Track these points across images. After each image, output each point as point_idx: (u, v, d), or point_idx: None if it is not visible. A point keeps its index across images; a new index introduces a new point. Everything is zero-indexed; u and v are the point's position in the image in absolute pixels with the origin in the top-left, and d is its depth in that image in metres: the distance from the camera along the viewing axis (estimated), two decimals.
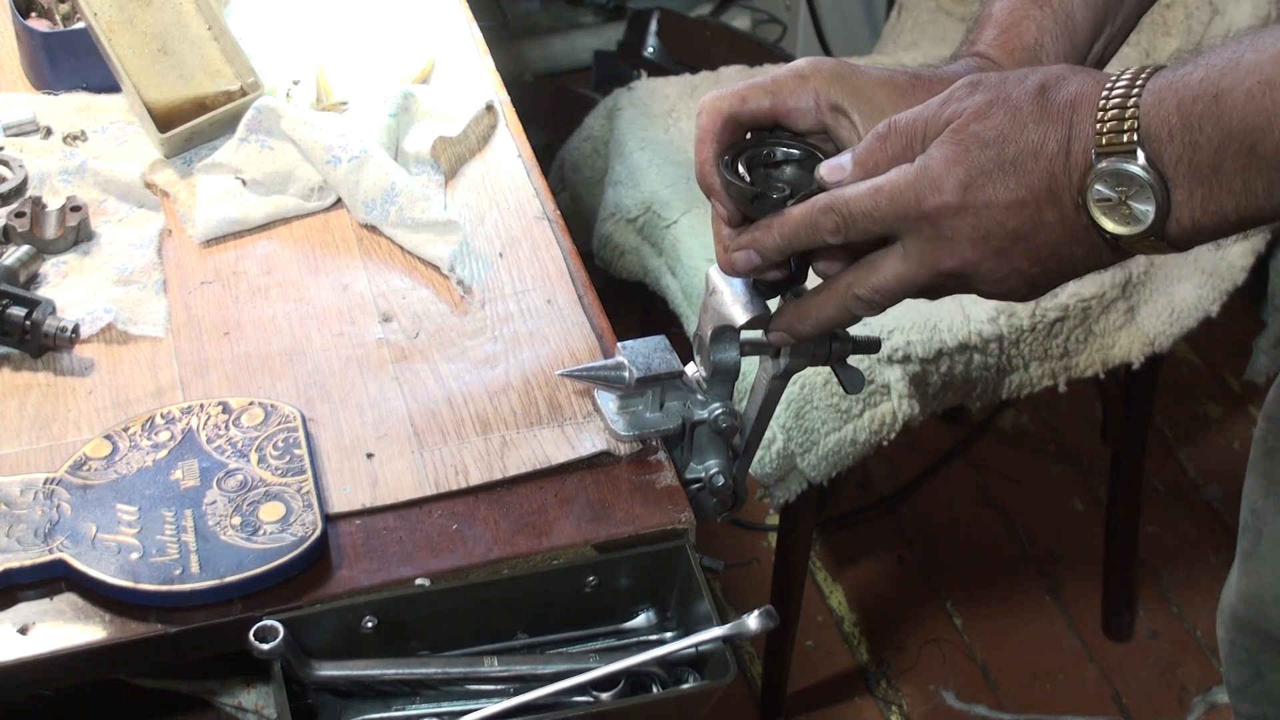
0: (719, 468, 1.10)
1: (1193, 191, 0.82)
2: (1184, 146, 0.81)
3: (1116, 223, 0.84)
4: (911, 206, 0.87)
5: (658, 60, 2.68)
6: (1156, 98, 0.82)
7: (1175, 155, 0.82)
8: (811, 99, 0.96)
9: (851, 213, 0.89)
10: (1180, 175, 0.82)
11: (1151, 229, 0.83)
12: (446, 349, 1.18)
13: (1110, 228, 0.84)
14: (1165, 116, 0.82)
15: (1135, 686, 2.26)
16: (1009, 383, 1.89)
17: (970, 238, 0.87)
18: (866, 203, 0.89)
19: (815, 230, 0.91)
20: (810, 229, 0.92)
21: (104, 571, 0.98)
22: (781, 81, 0.97)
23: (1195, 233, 0.84)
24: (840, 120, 0.96)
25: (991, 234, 0.87)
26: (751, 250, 0.95)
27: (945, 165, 0.86)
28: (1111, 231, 0.84)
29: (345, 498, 1.06)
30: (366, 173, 1.27)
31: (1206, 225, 0.83)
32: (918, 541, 2.43)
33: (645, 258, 2.01)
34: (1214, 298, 1.95)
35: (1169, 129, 0.81)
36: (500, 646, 1.03)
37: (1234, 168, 0.80)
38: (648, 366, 1.07)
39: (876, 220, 0.89)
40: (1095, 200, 0.84)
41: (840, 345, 1.05)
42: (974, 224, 0.86)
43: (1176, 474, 2.55)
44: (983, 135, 0.86)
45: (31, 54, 1.42)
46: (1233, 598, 1.37)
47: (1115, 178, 0.82)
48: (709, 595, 1.01)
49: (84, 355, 1.17)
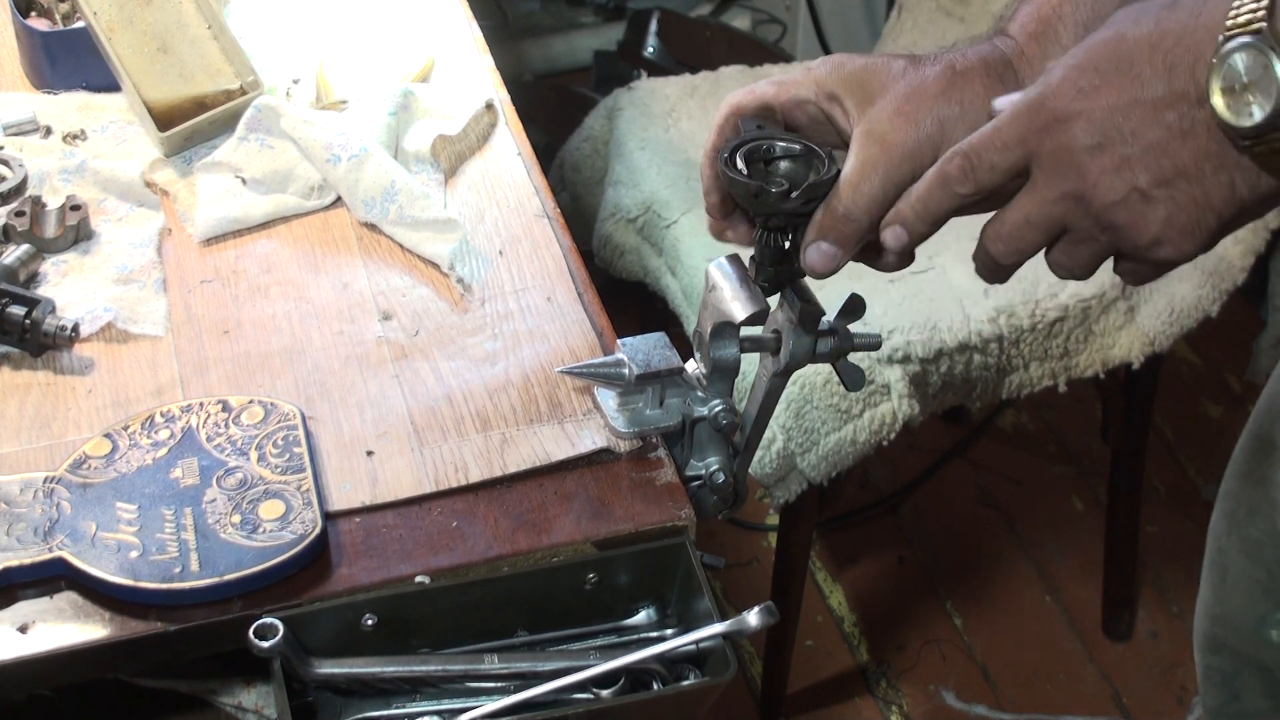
0: (719, 465, 1.10)
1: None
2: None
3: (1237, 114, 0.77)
4: (1030, 121, 0.84)
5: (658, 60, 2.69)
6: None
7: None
8: (812, 89, 0.97)
9: (975, 148, 0.86)
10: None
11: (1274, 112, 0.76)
12: (446, 347, 1.18)
13: (1230, 118, 0.77)
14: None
15: (1135, 686, 2.26)
16: (1009, 383, 1.89)
17: (1085, 146, 0.82)
18: (989, 134, 0.86)
19: (945, 181, 0.88)
20: (941, 181, 0.88)
21: (104, 570, 0.98)
22: (790, 77, 0.98)
23: None
24: (835, 108, 0.96)
25: (1109, 140, 0.82)
26: (897, 225, 0.92)
27: (1065, 70, 0.83)
28: (1231, 122, 0.78)
29: (345, 495, 1.06)
30: (366, 171, 1.27)
31: None
32: (918, 541, 2.43)
33: (645, 257, 2.01)
34: (1214, 298, 1.95)
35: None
36: (500, 644, 1.03)
37: None
38: (647, 363, 1.07)
39: (999, 148, 0.85)
40: (1220, 88, 0.78)
41: (840, 342, 1.05)
42: (1088, 128, 0.82)
43: (1176, 474, 2.55)
44: (1103, 38, 0.82)
45: (31, 53, 1.42)
46: (1207, 623, 1.37)
47: (1243, 57, 0.77)
48: (709, 592, 1.01)
49: (84, 354, 1.17)
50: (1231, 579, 1.31)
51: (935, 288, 1.84)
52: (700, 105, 2.12)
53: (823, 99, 0.97)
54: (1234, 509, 1.30)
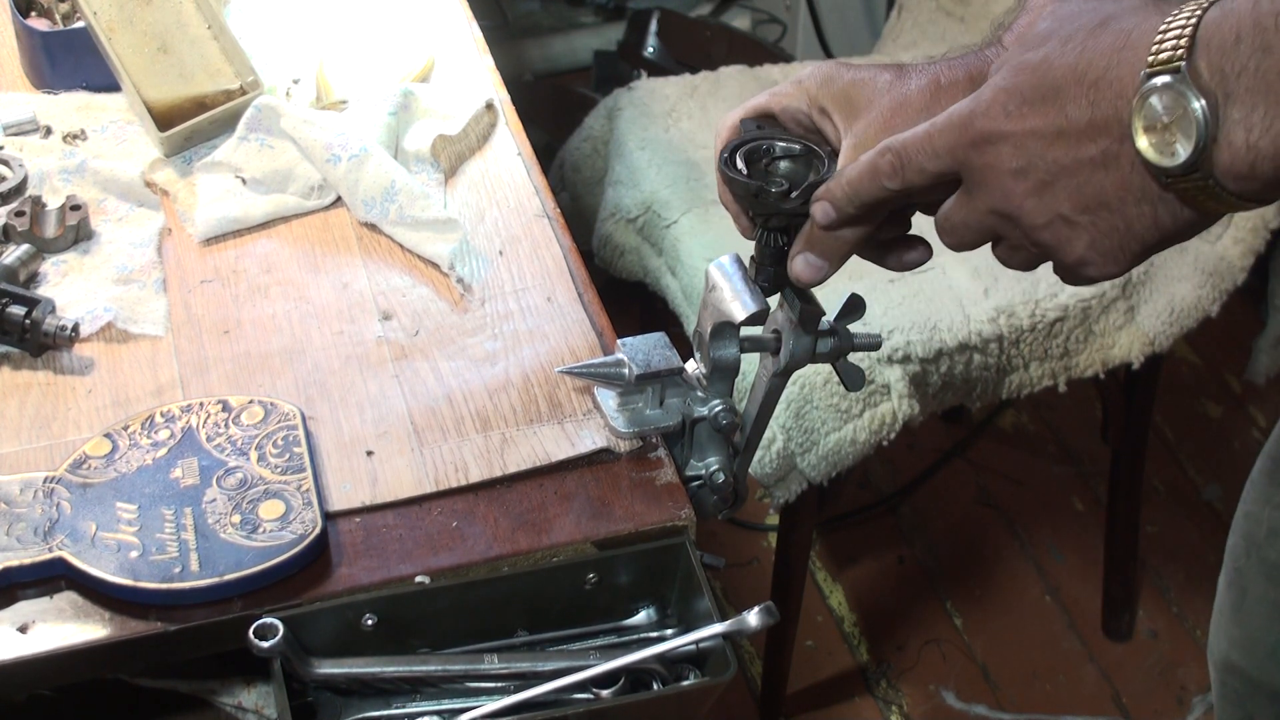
0: (719, 465, 1.10)
1: (1254, 106, 0.75)
2: (1252, 51, 0.74)
3: (1159, 152, 0.77)
4: (960, 135, 0.85)
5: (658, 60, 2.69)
6: (1224, 9, 0.76)
7: (1239, 63, 0.75)
8: (804, 102, 0.98)
9: (907, 149, 0.88)
10: (1242, 87, 0.75)
11: (1195, 155, 0.76)
12: (446, 347, 1.18)
13: (1154, 157, 0.78)
14: (1236, 20, 0.75)
15: (1135, 686, 2.26)
16: (1009, 383, 1.89)
17: (1011, 169, 0.84)
18: (921, 138, 0.87)
19: (875, 173, 0.89)
20: (871, 172, 0.90)
21: (104, 570, 0.98)
22: (783, 89, 0.99)
23: (1253, 161, 0.76)
24: (825, 121, 0.97)
25: (1033, 165, 0.83)
26: (825, 201, 0.93)
27: (994, 91, 0.84)
28: (1155, 162, 0.78)
29: (345, 495, 1.06)
30: (366, 171, 1.27)
31: (1267, 150, 0.75)
32: (918, 541, 2.43)
33: (645, 257, 2.01)
34: (1214, 298, 1.95)
35: (1236, 33, 0.75)
36: (500, 644, 1.03)
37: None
38: (647, 363, 1.07)
39: (929, 154, 0.87)
40: (1142, 127, 0.78)
41: (840, 342, 1.05)
42: (1013, 152, 0.83)
43: (1176, 474, 2.55)
44: (1031, 60, 0.83)
45: (31, 53, 1.42)
46: (1224, 645, 1.36)
47: (1163, 97, 0.76)
48: (709, 592, 1.01)
49: (84, 354, 1.17)
50: (1250, 601, 1.30)
51: (935, 288, 1.84)
52: (700, 105, 2.12)
53: (814, 112, 0.97)
54: (1253, 530, 1.29)
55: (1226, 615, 1.35)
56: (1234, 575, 1.33)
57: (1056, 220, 0.84)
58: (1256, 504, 1.30)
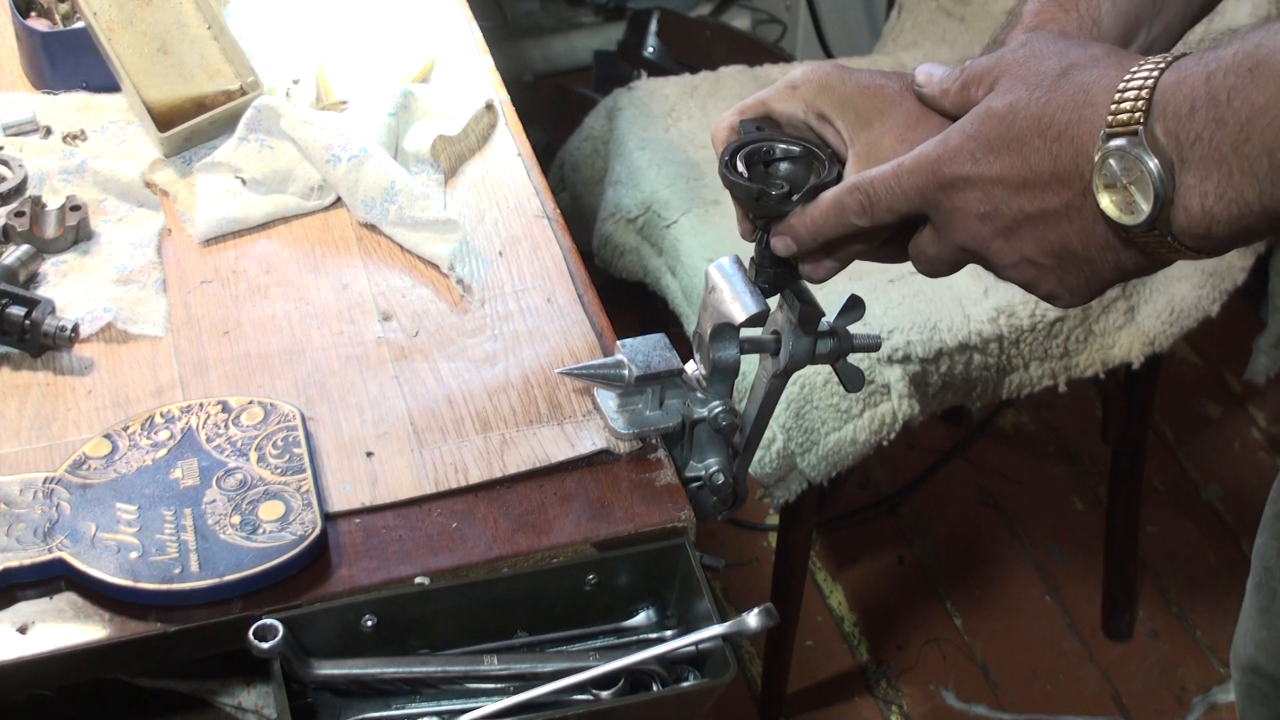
0: (719, 466, 1.10)
1: (1208, 174, 0.77)
2: (1206, 122, 0.76)
3: (1120, 210, 0.80)
4: (928, 178, 0.87)
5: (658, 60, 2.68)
6: (1179, 74, 0.78)
7: (1194, 132, 0.77)
8: (800, 107, 0.97)
9: (876, 189, 0.90)
10: (1196, 155, 0.77)
11: (1153, 215, 0.79)
12: (446, 348, 1.18)
13: (1115, 215, 0.80)
14: (1190, 90, 0.77)
15: (1135, 686, 2.26)
16: (1009, 383, 1.89)
17: (977, 213, 0.86)
18: (890, 179, 0.89)
19: (843, 211, 0.92)
20: (838, 210, 0.92)
21: (103, 570, 0.98)
22: (775, 93, 0.99)
23: (1208, 225, 0.78)
24: (825, 127, 0.97)
25: (999, 211, 0.85)
26: (786, 236, 0.96)
27: (962, 137, 0.86)
28: (1117, 219, 0.80)
29: (345, 496, 1.06)
30: (366, 172, 1.27)
31: (1222, 216, 0.77)
32: (918, 541, 2.43)
33: (645, 258, 2.01)
34: (1214, 298, 1.95)
35: (1191, 103, 0.77)
36: (500, 645, 1.03)
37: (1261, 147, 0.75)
38: (647, 364, 1.07)
39: (899, 195, 0.89)
40: (1103, 185, 0.80)
41: (840, 343, 1.05)
42: (980, 198, 0.86)
43: (1176, 474, 2.55)
44: (997, 110, 0.85)
45: (31, 54, 1.42)
46: (1251, 648, 1.35)
47: (1121, 159, 0.79)
48: (709, 593, 1.01)
49: (83, 355, 1.17)
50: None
51: (935, 288, 1.84)
52: (700, 105, 2.12)
53: (812, 118, 0.97)
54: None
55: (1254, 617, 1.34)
56: (1263, 576, 1.32)
57: (1023, 262, 0.87)
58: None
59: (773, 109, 0.99)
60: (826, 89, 0.96)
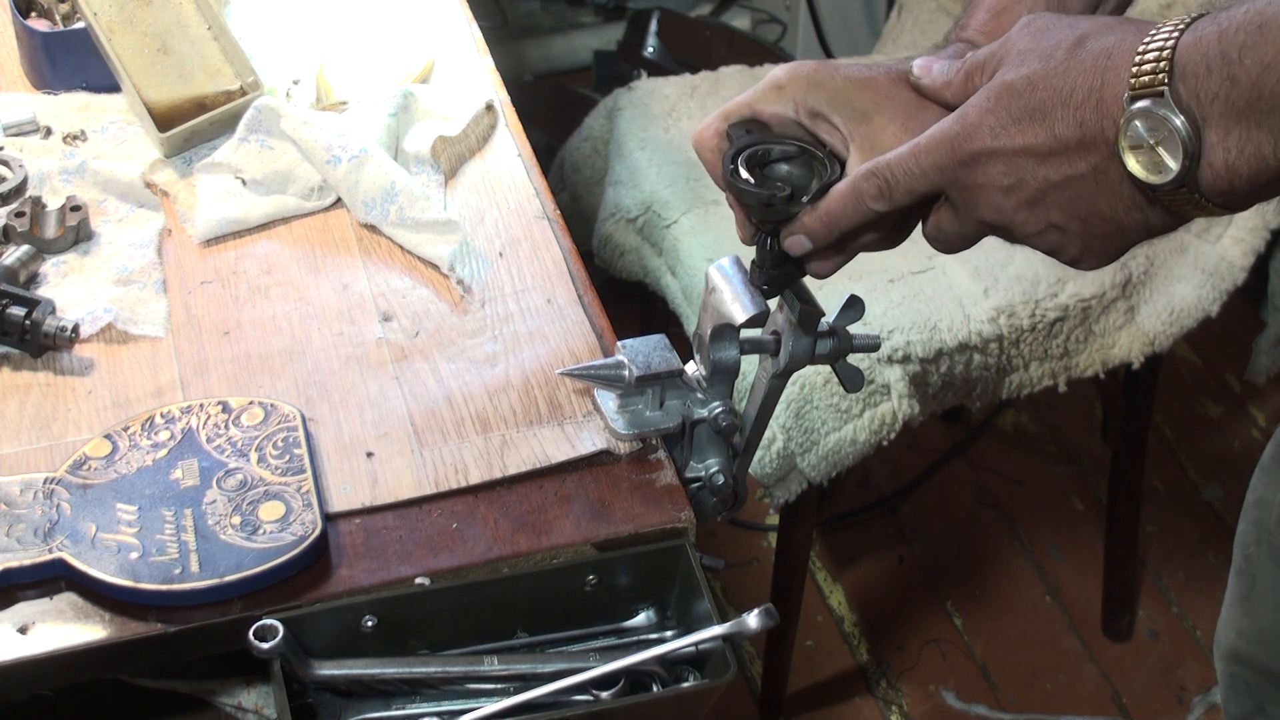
0: (719, 466, 1.10)
1: (1228, 130, 0.79)
2: (1221, 81, 0.78)
3: (1148, 170, 0.81)
4: (949, 155, 0.88)
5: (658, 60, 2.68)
6: (1196, 35, 0.80)
7: (1211, 91, 0.79)
8: (790, 107, 0.97)
9: (894, 173, 0.90)
10: (1215, 113, 0.79)
11: (1182, 173, 0.80)
12: (446, 348, 1.18)
13: (1142, 175, 0.82)
14: (1204, 51, 0.79)
15: (1135, 686, 2.26)
16: (1009, 383, 1.89)
17: (1001, 185, 0.87)
18: (908, 160, 0.89)
19: (860, 198, 0.92)
20: (855, 197, 0.92)
21: (104, 571, 0.98)
22: (759, 94, 0.98)
23: (1231, 179, 0.80)
24: (819, 124, 0.97)
25: (1024, 182, 0.86)
26: (800, 235, 0.96)
27: (980, 113, 0.86)
28: (1144, 179, 0.82)
29: (345, 497, 1.06)
30: (366, 172, 1.27)
31: (1243, 170, 0.80)
32: (918, 541, 2.43)
33: (645, 258, 2.01)
34: (1214, 298, 1.95)
35: (1207, 64, 0.79)
36: (500, 645, 1.03)
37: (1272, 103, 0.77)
38: (647, 365, 1.07)
39: (918, 175, 0.89)
40: (1128, 147, 0.82)
41: (840, 343, 1.05)
42: (1004, 170, 0.86)
43: (1176, 474, 2.55)
44: (1014, 83, 0.85)
45: (31, 54, 1.42)
46: (1232, 635, 1.36)
47: (1147, 120, 0.80)
48: (709, 594, 1.01)
49: (84, 355, 1.17)
50: (1260, 589, 1.30)
51: (935, 288, 1.84)
52: (700, 105, 2.12)
53: (804, 116, 0.97)
54: (1263, 517, 1.29)
55: (1235, 605, 1.35)
56: (1243, 564, 1.33)
57: (1049, 229, 0.88)
58: (1268, 489, 1.30)
59: (760, 110, 0.98)
60: (816, 86, 0.96)
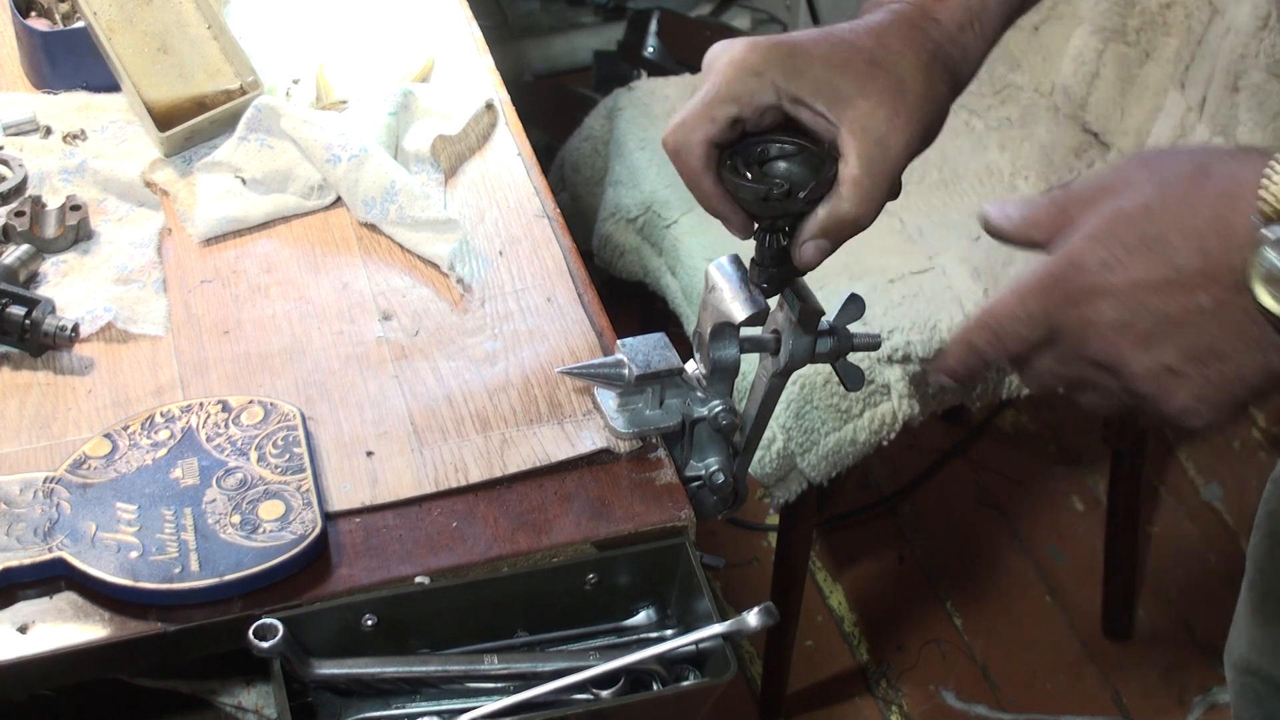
0: (719, 465, 1.10)
1: None
2: None
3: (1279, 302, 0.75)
4: (1054, 295, 0.82)
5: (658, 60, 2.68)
6: None
7: None
8: (772, 94, 0.94)
9: (1001, 323, 0.85)
10: None
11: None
12: (446, 347, 1.18)
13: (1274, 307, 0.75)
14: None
15: (1135, 686, 2.26)
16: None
17: (1113, 322, 0.81)
18: (1013, 306, 0.84)
19: (975, 352, 0.87)
20: (971, 352, 0.87)
21: (104, 570, 0.98)
22: (738, 87, 0.94)
23: None
24: (801, 110, 0.94)
25: (1137, 318, 0.80)
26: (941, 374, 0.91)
27: (1089, 244, 0.81)
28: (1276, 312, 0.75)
29: (345, 496, 1.06)
30: (366, 171, 1.27)
31: None
32: (918, 541, 2.43)
33: (645, 257, 2.01)
34: None
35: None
36: (500, 644, 1.03)
37: None
38: (647, 364, 1.07)
39: (1025, 321, 0.84)
40: (1261, 277, 0.75)
41: (840, 342, 1.05)
42: (1115, 305, 0.80)
43: (1176, 474, 2.54)
44: (1130, 210, 0.80)
45: (31, 53, 1.42)
46: (1244, 646, 1.35)
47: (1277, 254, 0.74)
48: (709, 592, 1.01)
49: (84, 354, 1.17)
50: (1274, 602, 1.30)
51: (935, 288, 1.84)
52: None
53: (786, 102, 0.94)
54: (1276, 529, 1.28)
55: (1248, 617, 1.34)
56: (1256, 576, 1.32)
57: (1162, 371, 0.81)
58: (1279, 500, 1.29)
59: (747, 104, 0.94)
60: (795, 73, 0.93)
